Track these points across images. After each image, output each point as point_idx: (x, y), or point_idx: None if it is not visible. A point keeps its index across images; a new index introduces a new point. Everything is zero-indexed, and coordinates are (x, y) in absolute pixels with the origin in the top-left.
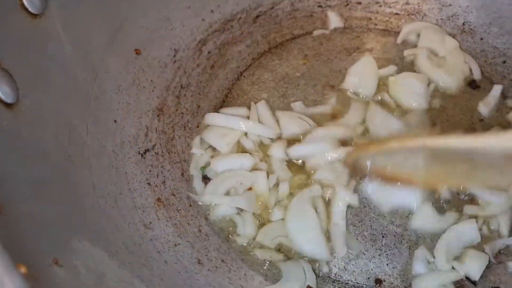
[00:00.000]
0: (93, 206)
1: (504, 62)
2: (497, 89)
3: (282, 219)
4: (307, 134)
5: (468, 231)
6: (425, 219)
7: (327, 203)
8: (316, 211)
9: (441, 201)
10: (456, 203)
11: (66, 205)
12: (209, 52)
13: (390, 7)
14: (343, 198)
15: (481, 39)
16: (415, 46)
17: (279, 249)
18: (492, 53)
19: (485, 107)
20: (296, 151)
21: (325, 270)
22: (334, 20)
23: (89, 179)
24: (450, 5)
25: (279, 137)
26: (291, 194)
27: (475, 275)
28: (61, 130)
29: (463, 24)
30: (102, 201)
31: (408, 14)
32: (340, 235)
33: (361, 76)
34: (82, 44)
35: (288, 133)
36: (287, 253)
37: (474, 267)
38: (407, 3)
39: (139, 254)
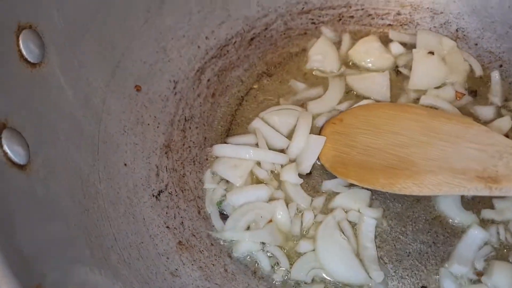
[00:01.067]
0: (119, 260)
1: (501, 66)
2: (495, 75)
3: (313, 250)
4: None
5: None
6: (449, 207)
7: (353, 226)
8: (344, 235)
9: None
10: (474, 205)
11: (94, 264)
12: (208, 80)
13: (382, 19)
14: (371, 219)
15: (476, 44)
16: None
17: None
18: (488, 57)
19: (495, 96)
20: (306, 168)
21: None
22: (329, 36)
23: (110, 231)
24: (441, 12)
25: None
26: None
27: None
28: (74, 182)
29: (457, 30)
30: (126, 254)
31: (401, 25)
32: (372, 259)
33: (323, 54)
34: (82, 87)
35: (288, 128)
36: (325, 281)
37: (502, 280)
38: (398, 14)
39: None
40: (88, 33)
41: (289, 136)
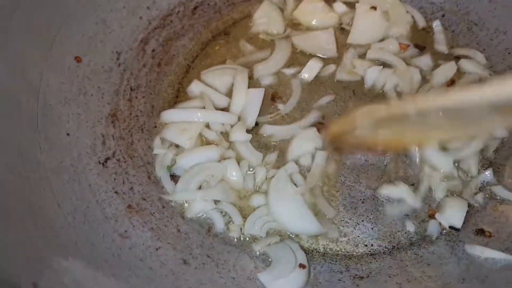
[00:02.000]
0: (63, 225)
1: (443, 15)
2: (436, 24)
3: (265, 204)
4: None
5: None
6: None
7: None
8: (296, 186)
9: None
10: None
11: (36, 229)
12: (153, 50)
13: None
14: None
15: None
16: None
17: (271, 233)
18: (431, 9)
19: (440, 45)
20: (251, 122)
21: (316, 244)
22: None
23: (53, 198)
24: None
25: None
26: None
27: (458, 223)
28: (12, 154)
29: None
30: (71, 218)
31: None
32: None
33: (267, 16)
34: (18, 62)
35: (226, 86)
36: (281, 234)
37: (455, 215)
38: None
39: (121, 265)
40: (19, 10)
41: (229, 94)
